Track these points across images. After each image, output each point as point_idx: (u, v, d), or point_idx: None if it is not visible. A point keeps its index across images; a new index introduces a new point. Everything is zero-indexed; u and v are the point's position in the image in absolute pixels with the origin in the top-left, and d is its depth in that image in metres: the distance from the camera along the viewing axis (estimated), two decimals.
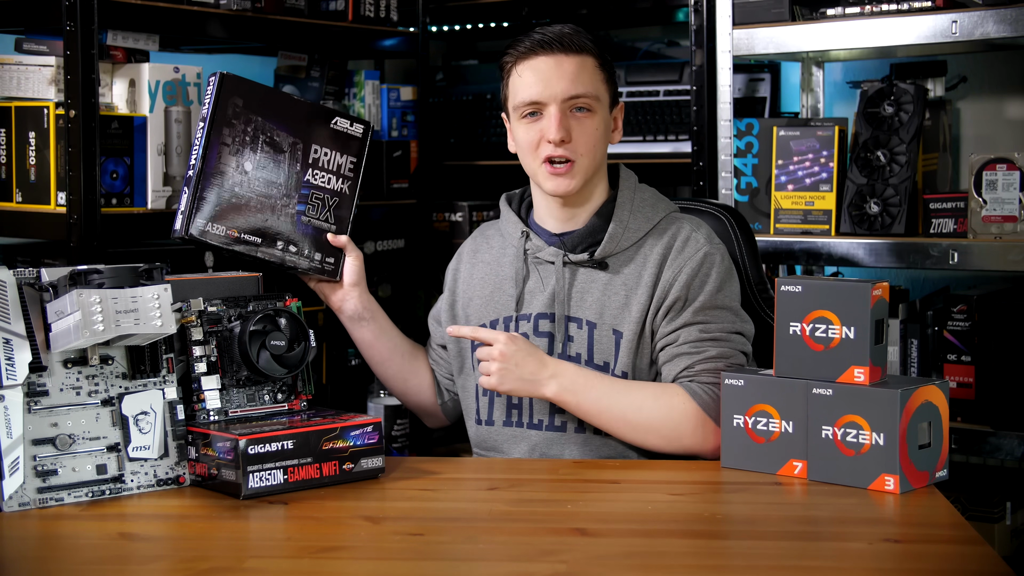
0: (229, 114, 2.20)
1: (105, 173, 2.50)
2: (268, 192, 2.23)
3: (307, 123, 2.28)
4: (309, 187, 2.28)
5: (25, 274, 1.93)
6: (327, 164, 2.29)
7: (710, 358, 2.17)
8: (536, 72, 2.21)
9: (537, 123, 2.22)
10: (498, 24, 3.56)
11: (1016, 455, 2.65)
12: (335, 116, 2.31)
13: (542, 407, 2.23)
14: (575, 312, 2.23)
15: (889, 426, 1.91)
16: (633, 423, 2.16)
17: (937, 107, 2.90)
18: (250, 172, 2.22)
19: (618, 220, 2.24)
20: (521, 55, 2.23)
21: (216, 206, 2.19)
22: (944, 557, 1.68)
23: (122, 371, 1.98)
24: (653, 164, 3.08)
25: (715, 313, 2.19)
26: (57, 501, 1.90)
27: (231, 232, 2.20)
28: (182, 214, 2.18)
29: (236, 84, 2.21)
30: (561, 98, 2.20)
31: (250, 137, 2.22)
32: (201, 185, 2.18)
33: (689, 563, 1.68)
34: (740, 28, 2.85)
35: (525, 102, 2.22)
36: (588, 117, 2.22)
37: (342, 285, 2.33)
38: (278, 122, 2.25)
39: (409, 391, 2.44)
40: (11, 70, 2.56)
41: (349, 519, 1.86)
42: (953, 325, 2.74)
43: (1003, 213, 2.64)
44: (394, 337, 2.40)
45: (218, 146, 2.19)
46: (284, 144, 2.25)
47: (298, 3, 2.88)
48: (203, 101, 2.22)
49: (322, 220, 2.29)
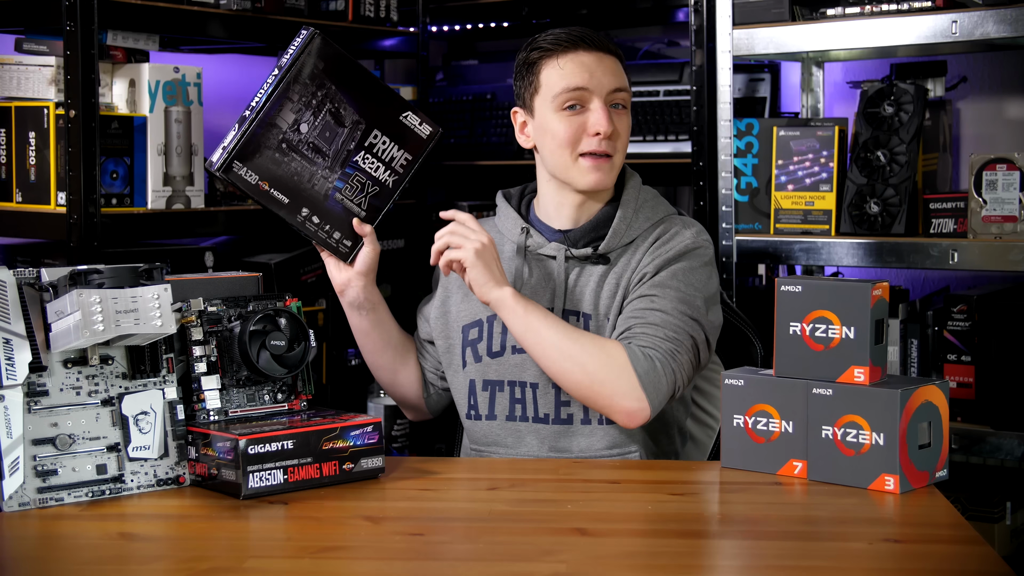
0: (306, 73, 2.20)
1: (105, 173, 2.50)
2: (313, 159, 2.23)
3: (378, 106, 2.27)
4: (355, 168, 2.27)
5: (25, 274, 1.93)
6: (382, 152, 2.28)
7: (650, 323, 2.16)
8: (581, 64, 2.24)
9: (578, 116, 2.24)
10: (498, 24, 3.56)
11: (1016, 455, 2.65)
12: (407, 110, 2.31)
13: (546, 400, 2.24)
14: (574, 306, 2.24)
15: (889, 426, 1.91)
16: (565, 352, 2.14)
17: (937, 107, 2.90)
18: (304, 134, 2.22)
19: (623, 216, 2.26)
20: (563, 48, 2.25)
21: (257, 154, 2.19)
22: (944, 557, 1.67)
23: (122, 371, 1.98)
24: (653, 164, 3.08)
25: (670, 292, 2.19)
26: (57, 501, 1.90)
27: (262, 184, 2.20)
28: (223, 148, 2.19)
29: (323, 47, 2.22)
30: (608, 90, 2.24)
31: (317, 101, 2.22)
32: (252, 128, 2.18)
33: (689, 563, 1.68)
34: (740, 28, 2.85)
35: (570, 88, 2.23)
36: (625, 114, 2.27)
37: (351, 270, 2.32)
38: (350, 96, 2.25)
39: (397, 383, 2.44)
40: (11, 70, 2.56)
41: (349, 519, 1.86)
42: (953, 325, 2.74)
43: (1003, 213, 2.64)
44: (391, 329, 2.40)
45: (283, 99, 2.19)
46: (347, 119, 2.25)
47: (298, 3, 2.88)
48: (288, 50, 2.22)
49: (354, 203, 2.28)
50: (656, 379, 2.11)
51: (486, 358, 2.29)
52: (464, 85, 3.56)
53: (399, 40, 3.23)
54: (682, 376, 2.15)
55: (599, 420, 2.22)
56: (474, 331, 2.31)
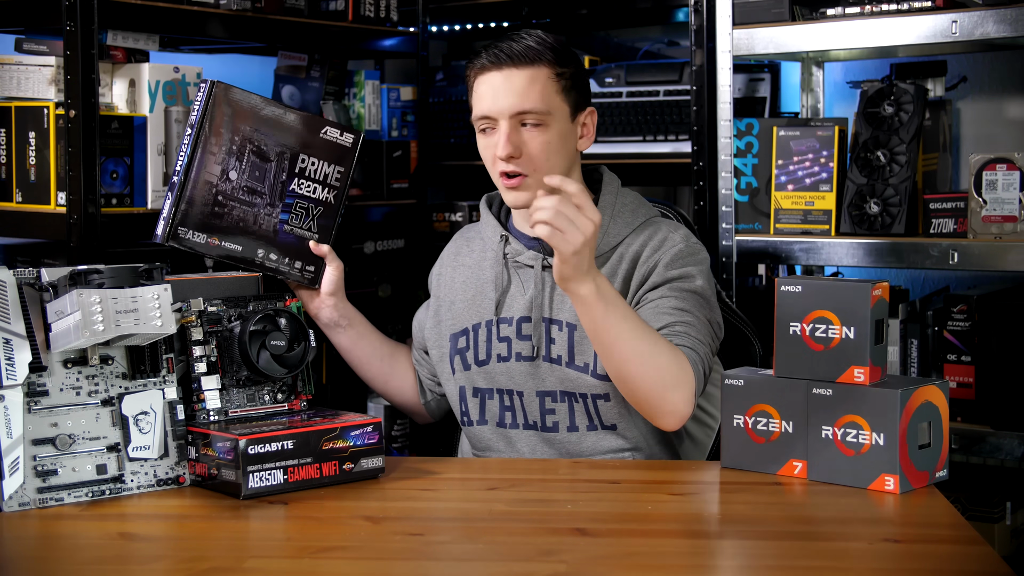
0: (217, 123, 2.20)
1: (105, 173, 2.50)
2: (251, 201, 2.24)
3: (297, 132, 2.28)
4: (293, 196, 2.28)
5: (25, 274, 1.93)
6: (314, 174, 2.29)
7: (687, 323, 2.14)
8: (489, 87, 2.22)
9: (491, 137, 2.22)
10: (498, 24, 3.56)
11: (1016, 455, 2.65)
12: (325, 126, 2.31)
13: (534, 408, 2.24)
14: (555, 315, 2.23)
15: (889, 426, 1.91)
16: (644, 354, 2.02)
17: (937, 107, 2.90)
18: (234, 181, 2.22)
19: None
20: (477, 70, 2.24)
21: (198, 214, 2.20)
22: (944, 557, 1.68)
23: (122, 371, 1.98)
24: (653, 164, 3.08)
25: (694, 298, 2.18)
26: (57, 501, 1.90)
27: (212, 240, 2.21)
28: (164, 220, 2.20)
29: (226, 93, 2.21)
30: (508, 113, 2.19)
31: (236, 146, 2.22)
32: (184, 192, 2.18)
33: (689, 563, 1.68)
34: (740, 28, 2.85)
35: (477, 116, 2.23)
36: (540, 131, 2.20)
37: (319, 293, 2.32)
38: (267, 131, 2.25)
39: (391, 391, 2.45)
40: (11, 70, 2.56)
41: (349, 519, 1.86)
42: (953, 325, 2.74)
43: (1003, 213, 2.64)
44: (373, 342, 2.41)
45: (204, 155, 2.19)
46: (271, 153, 2.25)
47: (298, 3, 2.88)
48: (193, 107, 2.22)
49: (304, 229, 2.29)
50: (700, 385, 2.11)
51: (474, 367, 2.29)
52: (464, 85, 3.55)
53: (399, 40, 3.23)
54: (702, 383, 2.14)
55: (587, 427, 2.21)
56: (462, 340, 2.31)
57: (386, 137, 3.22)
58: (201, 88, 2.21)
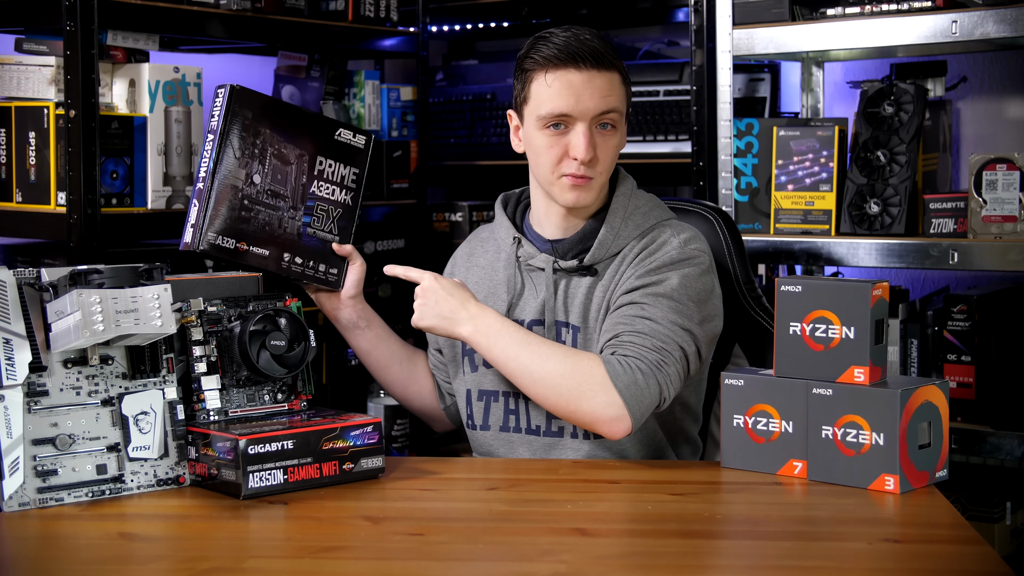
0: (239, 127, 2.19)
1: (105, 173, 2.50)
2: (275, 204, 2.23)
3: (312, 134, 2.27)
4: (314, 199, 2.27)
5: (25, 274, 1.93)
6: (331, 176, 2.29)
7: (638, 332, 2.11)
8: (568, 86, 2.15)
9: (561, 137, 2.17)
10: (498, 24, 3.56)
11: (1016, 455, 2.65)
12: (339, 128, 2.31)
13: (538, 412, 2.23)
14: (565, 317, 2.23)
15: (889, 426, 1.91)
16: (536, 376, 2.11)
17: (937, 107, 2.90)
18: (259, 184, 2.21)
19: (609, 226, 2.22)
20: (552, 64, 2.16)
21: (227, 219, 2.18)
22: (944, 557, 1.68)
23: (122, 371, 1.98)
24: (653, 164, 3.08)
25: (662, 301, 2.14)
26: (57, 501, 1.90)
27: (240, 246, 2.20)
28: (193, 227, 2.17)
29: (246, 96, 2.20)
30: (592, 115, 2.16)
31: (259, 150, 2.21)
32: (212, 198, 2.17)
33: (689, 563, 1.68)
34: (740, 28, 2.85)
35: (553, 114, 2.16)
36: (612, 134, 2.19)
37: (339, 295, 2.32)
38: (286, 134, 2.24)
39: (410, 396, 2.44)
40: (11, 70, 2.56)
41: (349, 519, 1.86)
42: (953, 325, 2.74)
43: (1003, 213, 2.64)
44: (392, 344, 2.40)
45: (228, 159, 2.18)
46: (291, 156, 2.25)
47: (298, 3, 2.88)
48: (211, 113, 2.20)
49: (326, 232, 2.29)
50: (638, 392, 2.05)
51: (482, 367, 2.29)
52: (464, 85, 3.56)
53: (399, 40, 3.23)
54: (668, 388, 2.09)
55: (586, 434, 2.21)
56: None
57: (386, 137, 3.22)
58: (219, 93, 2.20)
